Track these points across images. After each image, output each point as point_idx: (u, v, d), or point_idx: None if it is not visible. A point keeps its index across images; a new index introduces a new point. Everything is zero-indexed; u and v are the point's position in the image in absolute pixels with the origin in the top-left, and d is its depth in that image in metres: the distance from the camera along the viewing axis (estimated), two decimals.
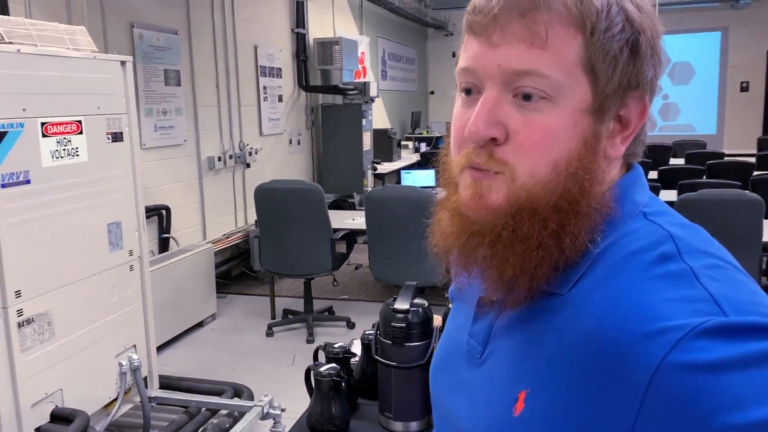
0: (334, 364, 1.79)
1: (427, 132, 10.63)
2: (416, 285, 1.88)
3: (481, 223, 0.63)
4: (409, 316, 1.73)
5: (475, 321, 0.71)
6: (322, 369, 1.75)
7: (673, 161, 7.49)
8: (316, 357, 1.99)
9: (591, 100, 0.61)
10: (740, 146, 9.51)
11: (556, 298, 0.62)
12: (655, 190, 4.61)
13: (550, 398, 0.58)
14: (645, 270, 0.57)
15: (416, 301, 1.78)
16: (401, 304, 1.75)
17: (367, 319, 4.60)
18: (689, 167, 6.24)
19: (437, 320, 1.87)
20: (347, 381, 1.82)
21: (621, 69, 0.60)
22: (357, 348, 2.04)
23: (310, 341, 4.21)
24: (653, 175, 5.98)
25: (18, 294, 2.20)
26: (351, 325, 4.44)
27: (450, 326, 0.81)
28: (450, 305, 0.91)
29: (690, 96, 10.94)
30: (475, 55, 0.63)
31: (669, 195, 4.71)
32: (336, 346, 1.90)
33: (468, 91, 0.64)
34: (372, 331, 1.89)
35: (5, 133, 2.13)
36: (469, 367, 0.70)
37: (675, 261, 0.57)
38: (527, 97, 0.60)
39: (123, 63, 2.70)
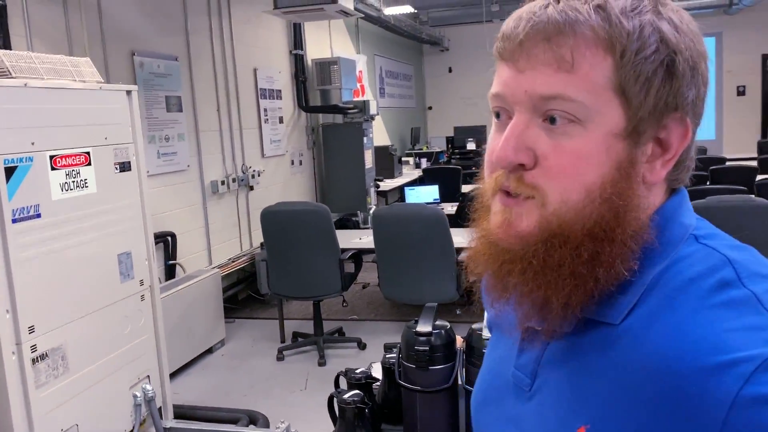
0: (357, 391, 1.76)
1: (427, 147, 10.65)
2: (437, 306, 1.85)
3: (511, 251, 0.62)
4: (432, 338, 1.71)
5: (521, 352, 0.68)
6: (345, 396, 1.72)
7: None
8: (337, 383, 1.96)
9: (624, 124, 0.59)
10: (740, 150, 9.52)
11: (609, 328, 0.60)
12: None
13: None
14: (705, 298, 0.55)
15: (438, 323, 1.76)
16: (423, 327, 1.72)
17: (378, 340, 4.56)
18: (693, 173, 6.22)
19: (459, 341, 1.84)
20: (370, 407, 1.79)
21: (656, 91, 0.59)
22: (377, 372, 2.01)
23: (321, 364, 4.17)
24: None
25: (31, 329, 2.18)
26: (362, 346, 4.40)
27: (491, 357, 0.78)
28: (483, 333, 0.88)
29: None
30: (504, 80, 0.62)
31: None
32: (358, 371, 1.87)
33: (498, 116, 0.64)
34: (393, 355, 1.86)
35: (15, 168, 2.12)
36: (518, 401, 0.68)
37: (736, 287, 0.55)
38: (554, 121, 0.59)
39: (129, 92, 2.70)
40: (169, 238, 4.70)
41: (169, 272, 4.70)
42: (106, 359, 2.54)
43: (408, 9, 7.70)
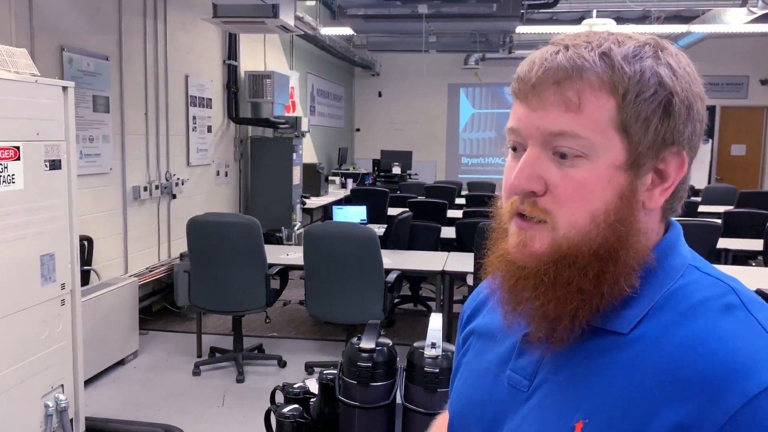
0: (296, 405, 1.76)
1: (354, 168, 10.72)
2: (379, 323, 1.88)
3: (526, 269, 0.70)
4: (375, 355, 1.74)
5: (520, 356, 0.75)
6: (285, 410, 1.72)
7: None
8: (273, 398, 1.94)
9: (625, 158, 0.67)
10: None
11: (616, 336, 0.67)
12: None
13: (614, 428, 0.62)
14: (716, 317, 0.64)
15: (381, 340, 1.79)
16: (367, 344, 1.75)
17: (298, 358, 4.52)
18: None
19: None
20: (307, 422, 1.79)
21: (654, 128, 0.67)
22: (312, 388, 2.02)
23: (240, 380, 4.08)
24: None
25: None
26: (282, 364, 4.35)
27: (476, 363, 0.83)
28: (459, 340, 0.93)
29: None
30: (519, 117, 0.70)
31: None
32: (296, 386, 1.87)
33: (515, 149, 0.72)
34: (330, 371, 1.87)
35: None
36: (513, 403, 0.73)
37: (741, 310, 0.64)
38: (564, 156, 0.67)
39: (65, 89, 2.60)
40: (86, 243, 4.49)
41: (83, 278, 4.48)
42: (20, 365, 2.40)
43: (348, 31, 7.79)
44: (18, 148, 2.34)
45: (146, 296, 5.25)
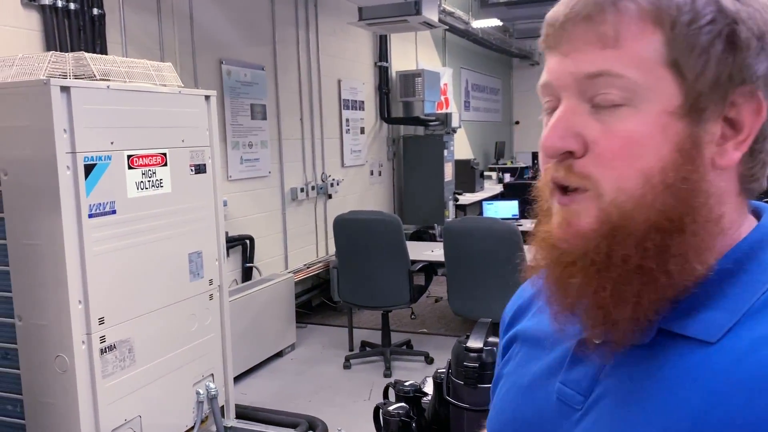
0: (403, 404, 1.72)
1: (512, 162, 10.46)
2: (491, 322, 1.78)
3: (572, 252, 0.57)
4: (483, 355, 1.64)
5: (572, 366, 0.62)
6: (390, 408, 1.68)
7: None
8: (386, 394, 1.92)
9: (680, 101, 0.54)
10: None
11: (699, 346, 0.54)
12: None
13: None
14: None
15: (491, 339, 1.69)
16: (474, 343, 1.66)
17: (446, 354, 4.46)
18: None
19: None
20: (418, 421, 1.74)
21: (715, 63, 0.54)
22: (430, 386, 1.96)
23: (387, 375, 4.14)
24: None
25: (101, 321, 2.27)
26: (429, 361, 4.34)
27: (518, 374, 0.71)
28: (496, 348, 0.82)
29: None
30: (550, 68, 0.60)
31: None
32: (407, 384, 1.83)
33: (554, 108, 0.60)
34: (444, 369, 1.80)
35: (94, 165, 2.22)
36: (563, 422, 0.61)
37: None
38: (606, 101, 0.55)
39: (207, 97, 2.78)
40: (248, 242, 4.82)
41: (246, 274, 4.82)
42: (172, 354, 2.61)
43: (495, 22, 7.61)
44: (165, 154, 2.55)
45: (305, 291, 5.52)
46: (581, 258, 0.56)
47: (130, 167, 2.38)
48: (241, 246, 4.79)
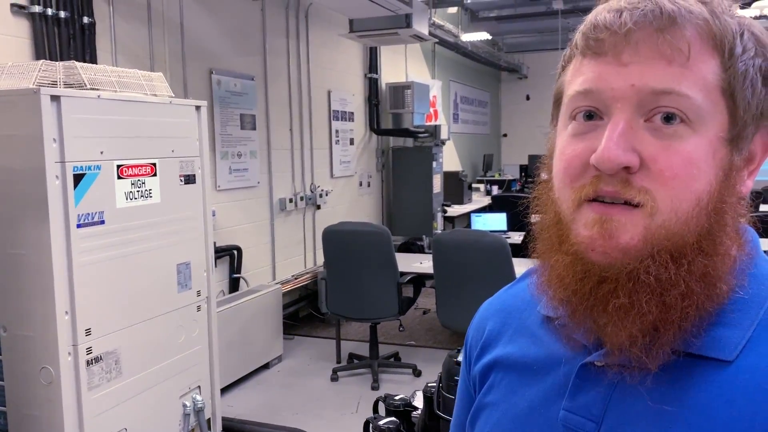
0: (393, 418, 1.71)
1: (500, 175, 10.51)
2: None
3: (612, 268, 0.55)
4: None
5: (576, 392, 0.60)
6: (381, 423, 1.68)
7: (764, 207, 7.06)
8: (376, 408, 1.91)
9: (728, 127, 0.55)
10: None
11: (721, 365, 0.54)
12: None
13: None
14: None
15: None
16: None
17: (434, 367, 4.47)
18: None
19: None
20: None
21: (757, 96, 0.55)
22: (419, 400, 1.96)
23: (374, 387, 4.12)
24: None
25: (88, 332, 2.25)
26: (417, 373, 4.33)
27: (508, 403, 0.67)
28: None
29: None
30: (599, 75, 0.56)
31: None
32: (397, 398, 1.82)
33: (590, 116, 0.57)
34: (435, 383, 1.80)
35: (83, 175, 2.21)
36: None
37: None
38: (669, 119, 0.53)
39: (198, 108, 2.78)
40: (235, 252, 4.79)
41: (233, 285, 4.79)
42: (159, 366, 2.58)
43: (484, 36, 7.66)
44: (155, 164, 2.54)
45: (293, 302, 5.49)
46: (626, 277, 0.54)
47: (119, 177, 2.36)
48: (229, 256, 4.76)
